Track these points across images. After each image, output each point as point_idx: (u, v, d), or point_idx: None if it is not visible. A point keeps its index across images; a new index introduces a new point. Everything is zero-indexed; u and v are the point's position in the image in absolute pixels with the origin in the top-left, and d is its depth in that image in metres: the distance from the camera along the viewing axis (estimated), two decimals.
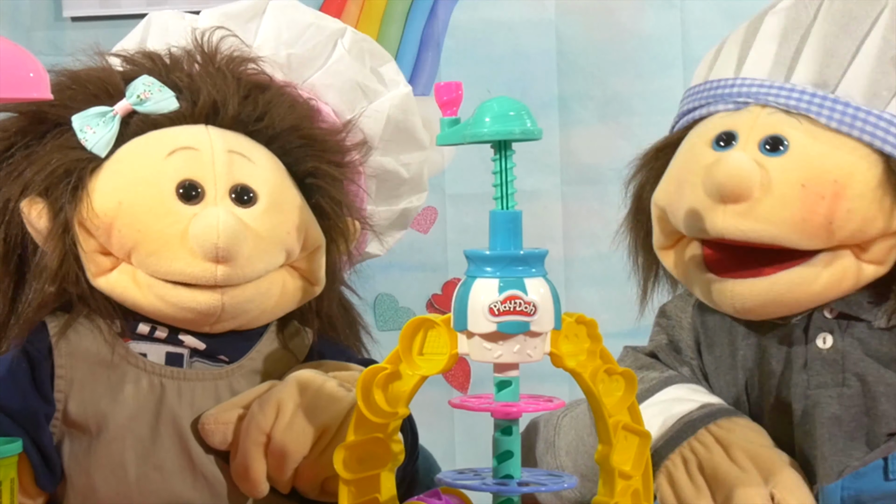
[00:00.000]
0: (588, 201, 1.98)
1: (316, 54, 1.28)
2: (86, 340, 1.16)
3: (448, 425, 1.93)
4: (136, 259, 1.14)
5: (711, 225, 1.14)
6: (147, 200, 1.14)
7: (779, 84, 1.19)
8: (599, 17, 1.97)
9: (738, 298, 1.16)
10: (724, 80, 1.23)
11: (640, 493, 1.04)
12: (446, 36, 1.99)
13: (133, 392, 1.15)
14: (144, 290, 1.15)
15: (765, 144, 1.16)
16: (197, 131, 1.18)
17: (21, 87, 0.96)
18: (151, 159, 1.16)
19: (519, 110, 0.96)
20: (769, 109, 1.18)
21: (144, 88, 1.17)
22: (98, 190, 1.15)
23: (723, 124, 1.20)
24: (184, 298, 1.14)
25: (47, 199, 1.15)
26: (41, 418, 1.13)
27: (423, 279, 2.01)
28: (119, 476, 1.15)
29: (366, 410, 0.99)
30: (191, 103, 1.19)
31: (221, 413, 1.15)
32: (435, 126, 1.99)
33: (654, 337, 1.29)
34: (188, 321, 1.16)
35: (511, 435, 0.99)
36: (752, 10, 1.97)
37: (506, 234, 0.97)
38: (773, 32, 1.21)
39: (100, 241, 1.14)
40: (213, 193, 1.15)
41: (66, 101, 1.17)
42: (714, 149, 1.18)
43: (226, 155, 1.17)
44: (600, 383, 1.00)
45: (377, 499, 1.01)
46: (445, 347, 0.97)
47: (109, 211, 1.14)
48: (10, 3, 1.98)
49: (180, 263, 1.13)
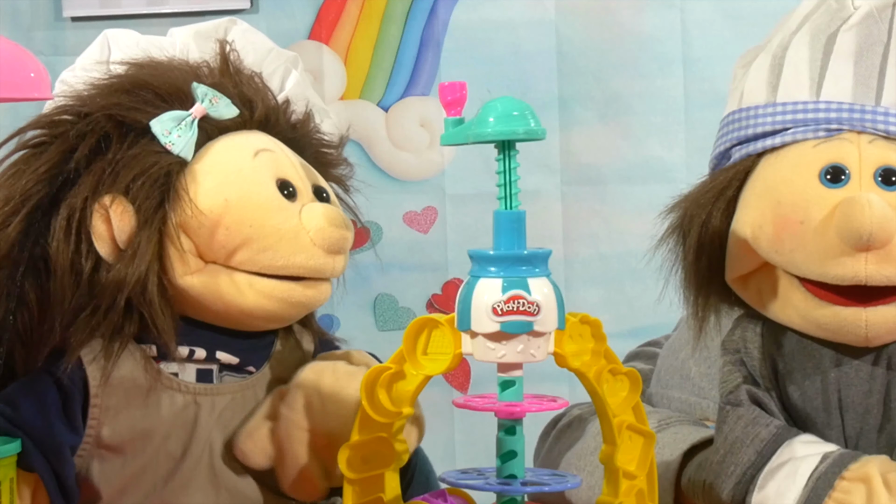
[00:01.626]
0: (588, 201, 1.99)
1: (278, 78, 1.29)
2: (122, 367, 1.14)
3: (448, 425, 1.93)
4: (244, 255, 1.14)
5: (853, 273, 1.11)
6: (255, 197, 1.15)
7: (871, 108, 1.15)
8: (599, 17, 1.97)
9: (872, 327, 1.12)
10: (801, 102, 1.18)
11: (645, 492, 1.04)
12: (446, 36, 1.99)
13: (169, 413, 1.15)
14: (244, 288, 1.15)
15: (878, 177, 1.13)
16: (262, 136, 1.21)
17: (21, 87, 0.96)
18: (243, 160, 1.17)
19: (523, 110, 0.96)
20: (867, 136, 1.15)
21: (211, 94, 1.18)
22: (200, 190, 1.14)
23: (822, 156, 1.15)
24: (295, 293, 1.16)
25: (136, 202, 1.13)
26: (65, 450, 1.11)
27: (423, 279, 2.02)
28: (147, 493, 1.15)
29: (370, 410, 0.99)
30: (247, 110, 1.20)
31: (253, 432, 1.16)
32: (434, 125, 2.01)
33: (727, 377, 1.20)
34: (287, 316, 1.18)
35: (515, 435, 0.99)
36: (753, 11, 1.97)
37: (509, 233, 0.96)
38: (848, 51, 1.17)
39: (199, 242, 1.14)
40: (304, 191, 1.19)
41: (140, 104, 1.16)
42: (824, 184, 1.14)
43: (295, 157, 1.21)
44: (605, 383, 1.00)
45: (381, 498, 1.01)
46: (449, 347, 0.97)
47: (216, 208, 1.14)
48: (10, 3, 1.99)
49: (301, 257, 1.15)
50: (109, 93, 1.16)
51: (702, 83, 2.00)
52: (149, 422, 1.14)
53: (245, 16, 1.95)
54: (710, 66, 1.99)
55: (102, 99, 1.15)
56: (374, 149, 2.02)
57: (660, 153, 2.01)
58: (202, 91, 1.17)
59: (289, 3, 2.02)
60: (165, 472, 1.15)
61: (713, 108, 1.95)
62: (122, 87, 1.16)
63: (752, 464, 1.11)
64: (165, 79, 1.18)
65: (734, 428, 1.12)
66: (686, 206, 1.21)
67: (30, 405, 1.10)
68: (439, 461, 1.28)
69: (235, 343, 1.18)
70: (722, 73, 1.96)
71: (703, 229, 1.20)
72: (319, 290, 1.18)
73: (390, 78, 2.03)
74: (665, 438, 1.19)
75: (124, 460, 1.15)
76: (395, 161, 2.03)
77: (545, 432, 1.31)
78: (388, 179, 2.01)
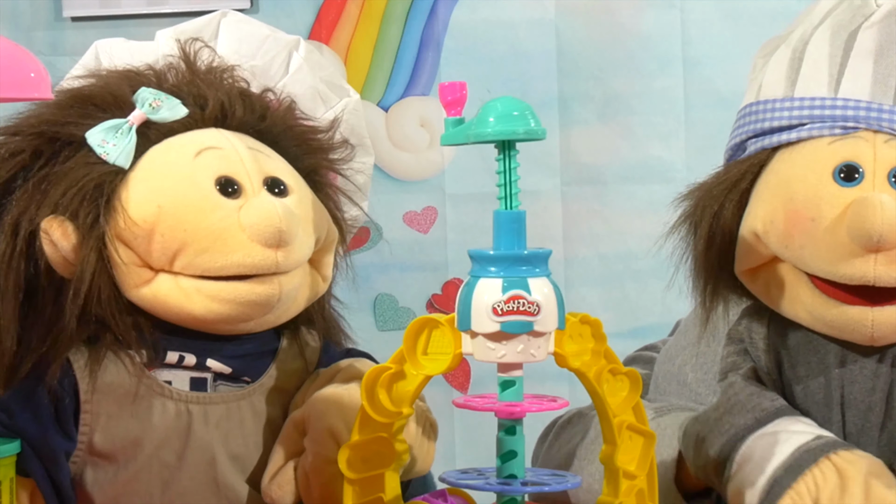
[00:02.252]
0: (588, 201, 1.99)
1: (276, 65, 1.28)
2: (111, 374, 1.14)
3: (448, 425, 1.93)
4: (184, 261, 1.13)
5: (862, 273, 1.11)
6: (189, 200, 1.13)
7: (889, 107, 1.15)
8: (599, 17, 1.97)
9: (878, 326, 1.13)
10: (819, 98, 1.17)
11: (645, 492, 1.04)
12: (446, 36, 1.99)
13: (161, 421, 1.15)
14: (192, 294, 1.13)
15: (892, 177, 1.13)
16: (213, 133, 1.18)
17: (21, 87, 0.96)
18: (181, 162, 1.16)
19: (523, 110, 0.96)
20: (883, 136, 1.15)
21: (153, 97, 1.16)
22: (132, 199, 1.13)
23: (837, 153, 1.15)
24: (241, 292, 1.13)
25: (74, 218, 1.12)
26: (60, 455, 1.12)
27: (423, 279, 2.01)
28: (143, 502, 1.15)
29: (370, 410, 0.99)
30: (198, 108, 1.19)
31: (279, 477, 1.15)
32: (434, 125, 2.01)
33: (730, 362, 1.21)
34: (242, 317, 1.15)
35: (515, 435, 0.99)
36: (752, 11, 1.97)
37: (509, 233, 0.96)
38: (868, 48, 1.16)
39: (138, 252, 1.13)
40: (249, 186, 1.15)
41: (76, 118, 1.15)
42: (838, 183, 1.14)
43: (248, 151, 1.18)
44: (605, 383, 1.00)
45: (381, 498, 1.01)
46: (449, 347, 0.97)
47: (149, 217, 1.13)
48: (10, 3, 1.99)
49: (238, 255, 1.12)
50: (50, 108, 1.15)
51: (702, 83, 2.00)
52: (140, 429, 1.14)
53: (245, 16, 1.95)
54: (710, 66, 1.99)
55: (36, 117, 1.14)
56: (374, 149, 1.98)
57: (660, 153, 2.01)
58: (143, 96, 1.16)
59: (289, 3, 2.02)
60: (161, 480, 1.15)
61: (713, 108, 1.97)
62: (60, 102, 1.16)
63: (747, 427, 1.12)
64: (108, 88, 1.17)
65: (739, 393, 1.13)
66: (699, 195, 1.21)
67: (24, 412, 1.11)
68: (439, 461, 1.28)
69: (229, 350, 1.17)
70: (722, 73, 1.97)
71: (715, 220, 1.20)
72: (272, 285, 1.14)
73: (390, 78, 2.03)
74: (666, 420, 1.19)
75: (117, 468, 1.14)
76: (395, 161, 2.03)
77: (543, 434, 1.31)
78: (388, 179, 2.01)
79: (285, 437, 1.16)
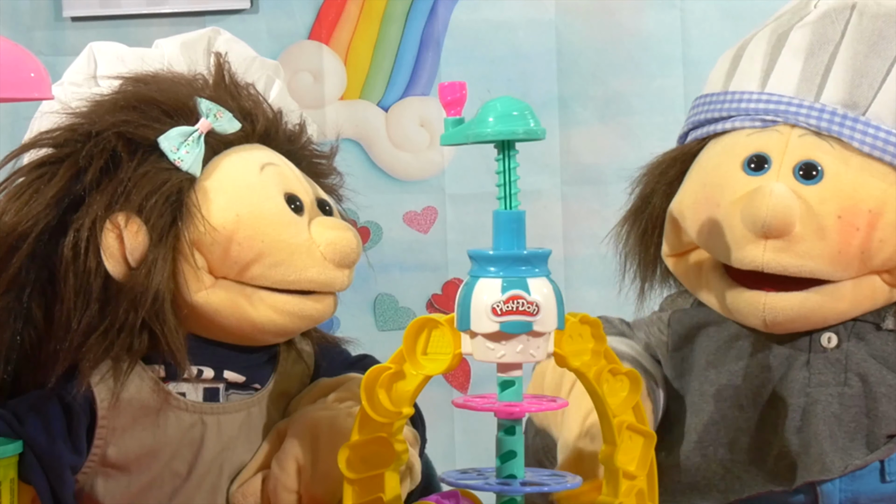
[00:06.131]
0: (588, 201, 1.99)
1: (259, 87, 1.28)
2: (132, 389, 1.14)
3: (448, 425, 1.93)
4: (256, 271, 1.14)
5: (751, 259, 1.14)
6: (265, 212, 1.15)
7: (808, 103, 1.17)
8: (599, 17, 1.97)
9: (770, 311, 1.15)
10: (748, 93, 1.21)
11: (645, 493, 1.04)
12: (446, 36, 1.99)
13: (176, 432, 1.15)
14: (256, 303, 1.15)
15: (798, 171, 1.15)
16: (265, 150, 1.21)
17: (22, 87, 0.96)
18: (250, 174, 1.17)
19: (522, 110, 0.96)
20: (799, 130, 1.17)
21: (216, 108, 1.17)
22: (211, 206, 1.14)
23: (752, 144, 1.18)
24: (306, 307, 1.17)
25: (148, 220, 1.12)
26: (65, 469, 1.11)
27: (423, 279, 2.01)
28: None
29: (370, 410, 0.99)
30: (250, 124, 1.20)
31: (247, 486, 1.16)
32: (434, 125, 2.01)
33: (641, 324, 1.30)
34: (295, 330, 1.20)
35: (514, 435, 0.99)
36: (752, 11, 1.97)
37: (509, 233, 0.97)
38: (799, 47, 1.19)
39: (211, 258, 1.14)
40: (309, 205, 1.19)
41: (148, 121, 1.15)
42: (746, 172, 1.17)
43: (297, 170, 1.22)
44: (605, 383, 1.00)
45: (381, 498, 1.01)
46: (449, 347, 0.98)
47: (228, 224, 1.13)
48: (10, 3, 1.98)
49: (313, 271, 1.15)
50: (116, 109, 1.15)
51: (702, 83, 1.98)
52: (156, 442, 1.15)
53: (245, 16, 1.95)
54: (710, 66, 1.98)
55: (111, 116, 1.14)
56: (374, 149, 2.01)
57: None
58: (206, 106, 1.16)
59: (289, 3, 2.02)
60: (170, 490, 1.15)
61: None
62: (128, 103, 1.16)
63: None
64: (170, 94, 1.17)
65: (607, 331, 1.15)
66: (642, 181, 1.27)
67: (35, 421, 1.10)
68: (439, 461, 1.28)
69: (241, 360, 1.18)
70: None
71: (649, 207, 1.26)
72: (326, 303, 1.18)
73: (390, 78, 2.02)
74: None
75: (129, 479, 1.15)
76: (395, 161, 2.02)
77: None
78: (388, 179, 2.01)
79: (267, 444, 1.18)
